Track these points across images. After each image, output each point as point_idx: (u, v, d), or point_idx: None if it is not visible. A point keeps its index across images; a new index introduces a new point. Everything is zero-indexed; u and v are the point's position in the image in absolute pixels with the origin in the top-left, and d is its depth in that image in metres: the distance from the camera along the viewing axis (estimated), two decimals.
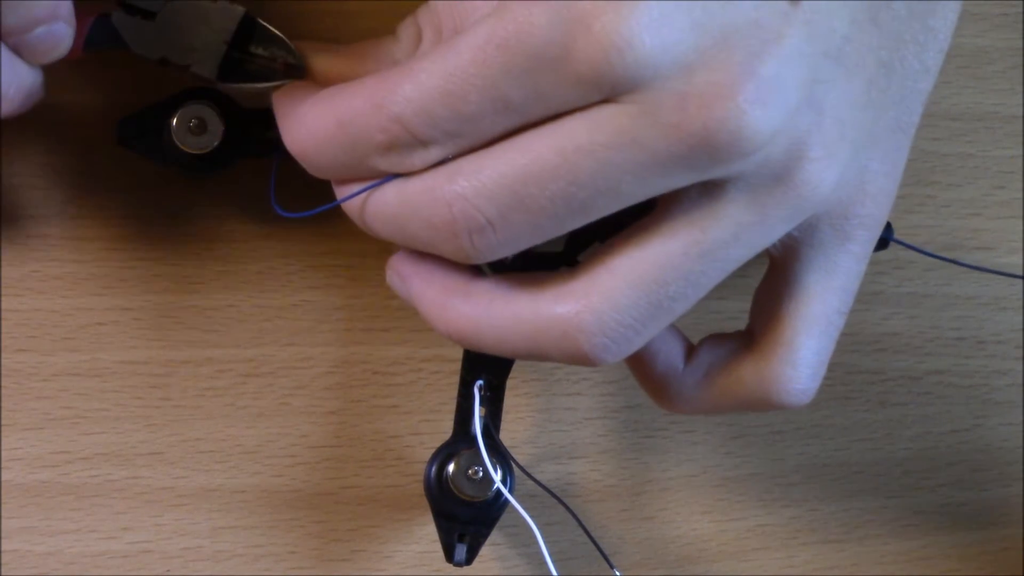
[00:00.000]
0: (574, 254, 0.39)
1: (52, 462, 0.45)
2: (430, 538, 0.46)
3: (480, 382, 0.42)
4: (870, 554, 0.49)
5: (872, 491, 0.49)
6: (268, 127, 0.39)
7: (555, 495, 0.43)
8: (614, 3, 0.32)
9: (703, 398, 0.41)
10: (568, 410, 0.48)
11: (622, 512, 0.48)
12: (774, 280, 0.39)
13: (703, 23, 0.33)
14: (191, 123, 0.42)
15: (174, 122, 0.42)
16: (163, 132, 0.42)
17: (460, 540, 0.43)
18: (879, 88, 0.36)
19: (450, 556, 0.43)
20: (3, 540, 0.44)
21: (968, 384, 0.50)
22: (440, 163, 0.35)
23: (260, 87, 0.39)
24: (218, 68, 0.39)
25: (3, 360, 0.44)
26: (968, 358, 0.50)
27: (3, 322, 0.44)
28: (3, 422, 0.44)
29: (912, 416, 0.50)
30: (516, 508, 0.41)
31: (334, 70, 0.38)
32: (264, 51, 0.39)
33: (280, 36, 0.39)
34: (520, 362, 0.43)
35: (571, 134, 0.34)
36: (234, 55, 0.39)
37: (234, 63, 0.39)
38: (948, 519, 0.50)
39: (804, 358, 0.38)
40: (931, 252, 0.48)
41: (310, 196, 0.39)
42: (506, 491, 0.42)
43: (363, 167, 0.36)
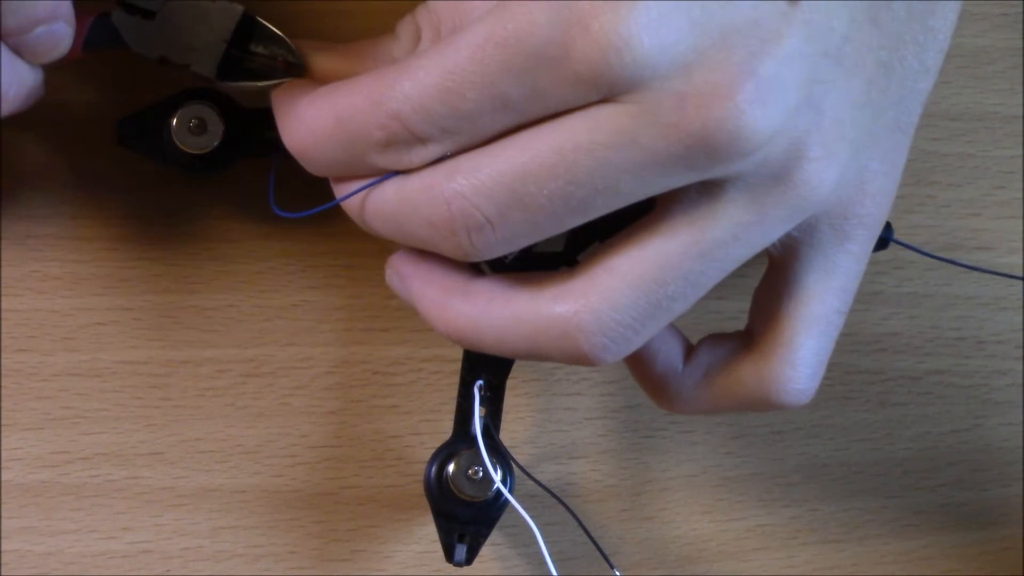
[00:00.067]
0: (574, 254, 0.39)
1: (52, 462, 0.45)
2: (430, 538, 0.46)
3: (480, 382, 0.42)
4: (870, 554, 0.49)
5: (872, 491, 0.49)
6: (268, 127, 0.39)
7: (555, 495, 0.43)
8: (613, 3, 0.32)
9: (702, 398, 0.41)
10: (568, 410, 0.48)
11: (622, 512, 0.48)
12: (773, 280, 0.39)
13: (702, 23, 0.33)
14: (191, 123, 0.42)
15: (174, 122, 0.42)
16: (163, 132, 0.42)
17: (460, 540, 0.42)
18: (879, 88, 0.36)
19: (450, 556, 0.43)
20: (3, 540, 0.44)
21: (968, 384, 0.50)
22: (439, 161, 0.35)
23: (260, 85, 0.39)
24: (218, 67, 0.39)
25: (3, 360, 0.44)
26: (968, 358, 0.50)
27: (3, 322, 0.44)
28: (3, 422, 0.44)
29: (912, 416, 0.50)
30: (516, 508, 0.41)
31: (333, 68, 0.38)
32: (264, 50, 0.39)
33: (280, 35, 0.39)
34: (520, 362, 0.43)
35: (570, 133, 0.34)
36: (233, 54, 0.39)
37: (234, 62, 0.39)
38: (948, 519, 0.50)
39: (803, 358, 0.38)
40: (931, 252, 0.47)
41: (310, 196, 0.39)
42: (506, 491, 0.42)
43: (362, 164, 0.36)
